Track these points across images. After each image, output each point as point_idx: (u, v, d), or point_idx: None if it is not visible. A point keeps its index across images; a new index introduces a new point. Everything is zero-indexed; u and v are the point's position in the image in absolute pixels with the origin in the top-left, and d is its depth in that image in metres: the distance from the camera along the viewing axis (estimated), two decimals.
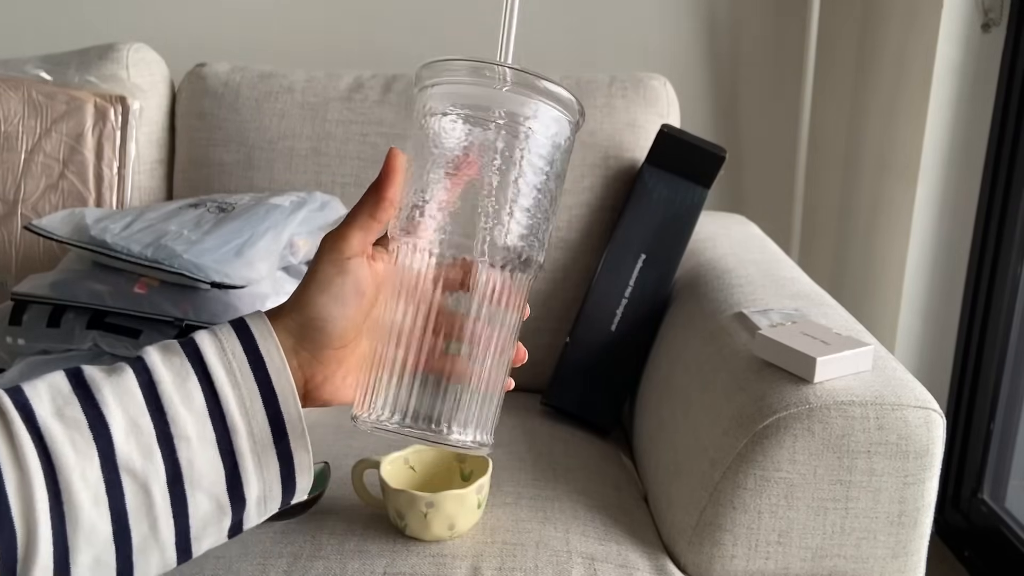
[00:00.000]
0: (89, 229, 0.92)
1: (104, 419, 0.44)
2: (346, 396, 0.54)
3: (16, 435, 0.42)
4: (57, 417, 0.43)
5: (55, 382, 0.45)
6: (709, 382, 0.83)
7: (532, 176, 0.50)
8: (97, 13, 1.55)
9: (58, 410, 0.44)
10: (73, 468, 0.43)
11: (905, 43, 1.38)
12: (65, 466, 0.43)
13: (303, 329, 0.50)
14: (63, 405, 0.44)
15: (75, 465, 0.43)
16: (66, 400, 0.44)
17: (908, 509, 0.73)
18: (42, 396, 0.44)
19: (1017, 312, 1.31)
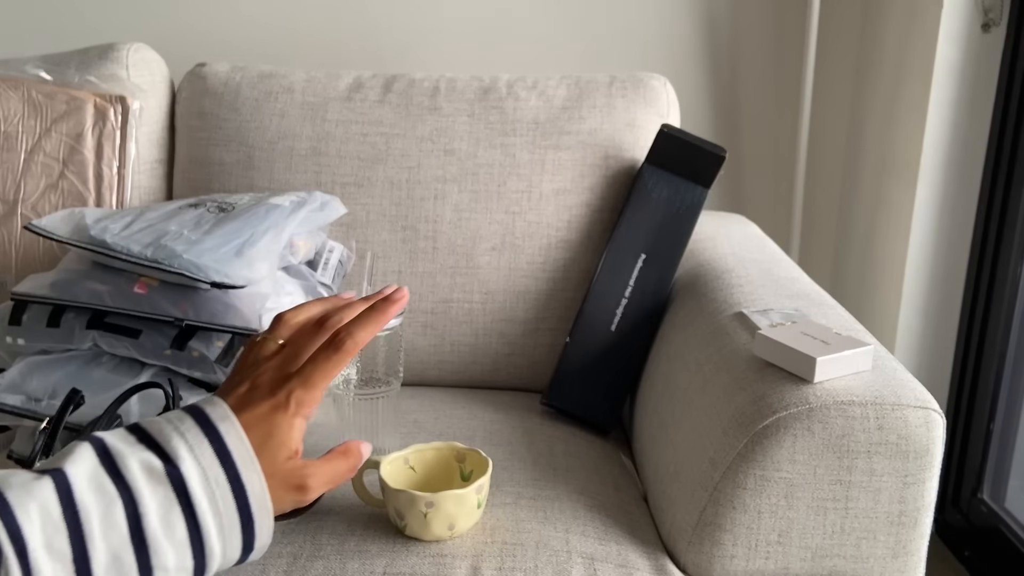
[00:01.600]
0: (89, 229, 0.92)
1: (87, 555, 0.45)
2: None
3: (8, 570, 0.44)
4: (46, 550, 0.44)
5: (46, 504, 0.45)
6: (709, 382, 0.83)
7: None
8: (97, 13, 1.55)
9: (48, 541, 0.45)
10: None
11: (905, 43, 1.38)
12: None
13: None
14: (52, 535, 0.45)
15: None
16: (56, 529, 0.45)
17: (908, 509, 0.73)
18: (34, 522, 0.45)
19: (1017, 312, 1.31)
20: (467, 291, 1.17)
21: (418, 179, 1.18)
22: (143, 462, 0.47)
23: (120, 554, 0.46)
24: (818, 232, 1.66)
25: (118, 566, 0.46)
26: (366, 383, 0.89)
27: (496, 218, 1.17)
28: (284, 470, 0.52)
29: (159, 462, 0.48)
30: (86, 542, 0.45)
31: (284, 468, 0.52)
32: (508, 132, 1.19)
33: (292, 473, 0.53)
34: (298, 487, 0.53)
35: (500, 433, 1.01)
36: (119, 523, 0.46)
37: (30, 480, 0.46)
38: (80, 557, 0.45)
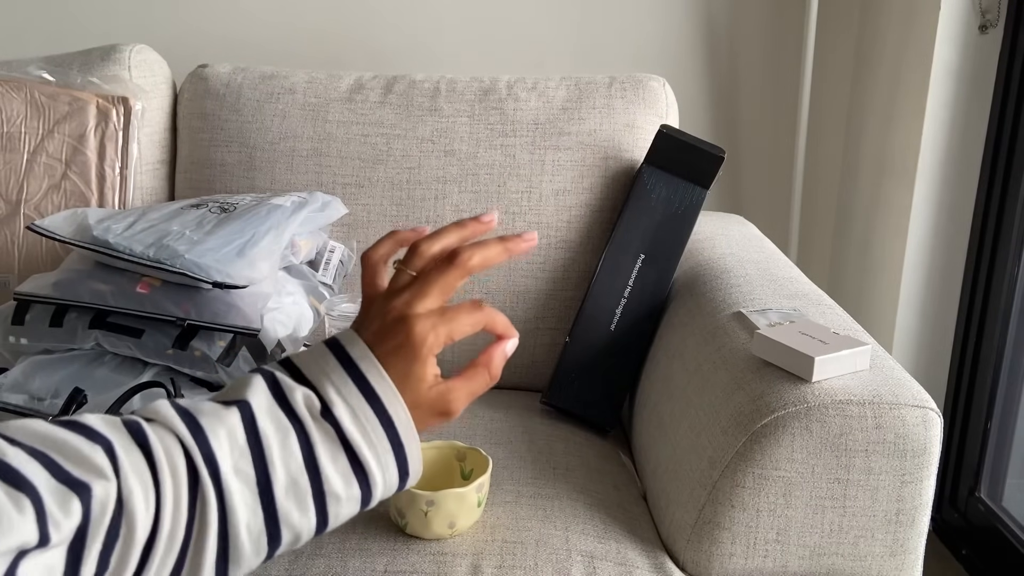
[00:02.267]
0: (91, 229, 0.93)
1: (269, 478, 0.49)
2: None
3: (204, 493, 0.48)
4: (235, 472, 0.49)
5: (233, 431, 0.50)
6: (708, 381, 0.84)
7: None
8: (99, 15, 1.56)
9: (235, 464, 0.49)
10: (241, 522, 0.49)
11: (903, 44, 1.39)
12: (236, 520, 0.48)
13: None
14: (239, 459, 0.49)
15: (243, 519, 0.49)
16: (241, 453, 0.49)
17: (906, 508, 0.74)
18: (223, 447, 0.49)
19: (1014, 312, 1.31)
20: (467, 291, 1.17)
21: (418, 180, 1.18)
22: (306, 397, 0.51)
23: (297, 479, 0.50)
24: (816, 232, 1.66)
25: (296, 490, 0.50)
26: None
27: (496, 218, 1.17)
28: (428, 399, 0.54)
29: (317, 401, 0.52)
30: (268, 467, 0.49)
31: (427, 397, 0.54)
32: (508, 133, 1.19)
33: (436, 400, 0.55)
34: (443, 412, 0.55)
35: (500, 432, 1.01)
36: (295, 451, 0.50)
37: (220, 408, 0.50)
38: (263, 480, 0.49)
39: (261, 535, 0.49)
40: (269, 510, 0.49)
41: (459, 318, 0.55)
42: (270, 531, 0.50)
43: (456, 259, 0.56)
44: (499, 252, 0.58)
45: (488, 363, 0.58)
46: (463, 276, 0.56)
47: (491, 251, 0.58)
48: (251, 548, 0.49)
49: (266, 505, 0.49)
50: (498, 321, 0.59)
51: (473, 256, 0.56)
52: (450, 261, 0.56)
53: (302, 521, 0.51)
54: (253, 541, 0.49)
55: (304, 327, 1.00)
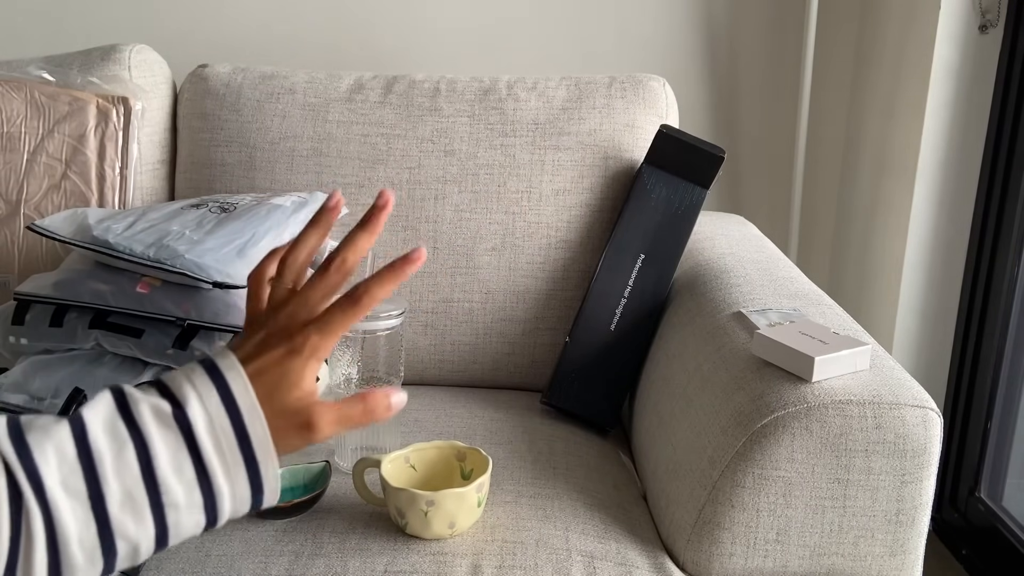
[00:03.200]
0: (92, 229, 0.93)
1: (102, 492, 0.49)
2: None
3: (28, 509, 0.47)
4: (63, 488, 0.48)
5: (62, 446, 0.49)
6: (708, 381, 0.84)
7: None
8: (99, 15, 1.56)
9: (64, 480, 0.48)
10: (71, 536, 0.48)
11: (903, 44, 1.39)
12: (66, 536, 0.47)
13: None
14: (68, 474, 0.48)
15: (74, 533, 0.48)
16: (71, 469, 0.48)
17: (906, 508, 0.74)
18: (50, 462, 0.48)
19: (1014, 311, 1.31)
20: (467, 291, 1.17)
21: (418, 180, 1.18)
22: (154, 407, 0.51)
23: (133, 492, 0.49)
24: (816, 232, 1.67)
25: (131, 503, 0.49)
26: (367, 382, 0.90)
27: (496, 218, 1.17)
28: (293, 409, 0.54)
29: (168, 407, 0.51)
30: (100, 481, 0.49)
31: (294, 407, 0.54)
32: (508, 133, 1.19)
33: (300, 411, 0.54)
34: (305, 424, 0.54)
35: (500, 432, 1.02)
36: (131, 464, 0.49)
37: (51, 423, 0.50)
38: (95, 494, 0.49)
39: (95, 548, 0.49)
40: (103, 523, 0.49)
41: (332, 315, 0.55)
42: (105, 544, 0.49)
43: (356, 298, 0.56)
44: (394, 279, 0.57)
45: (365, 397, 0.56)
46: (364, 313, 0.56)
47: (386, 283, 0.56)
48: (84, 561, 0.48)
49: (99, 518, 0.49)
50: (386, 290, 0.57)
51: (371, 291, 0.56)
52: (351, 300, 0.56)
53: (139, 532, 0.50)
54: (87, 554, 0.48)
55: None
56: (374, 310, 0.89)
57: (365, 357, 0.89)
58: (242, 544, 0.77)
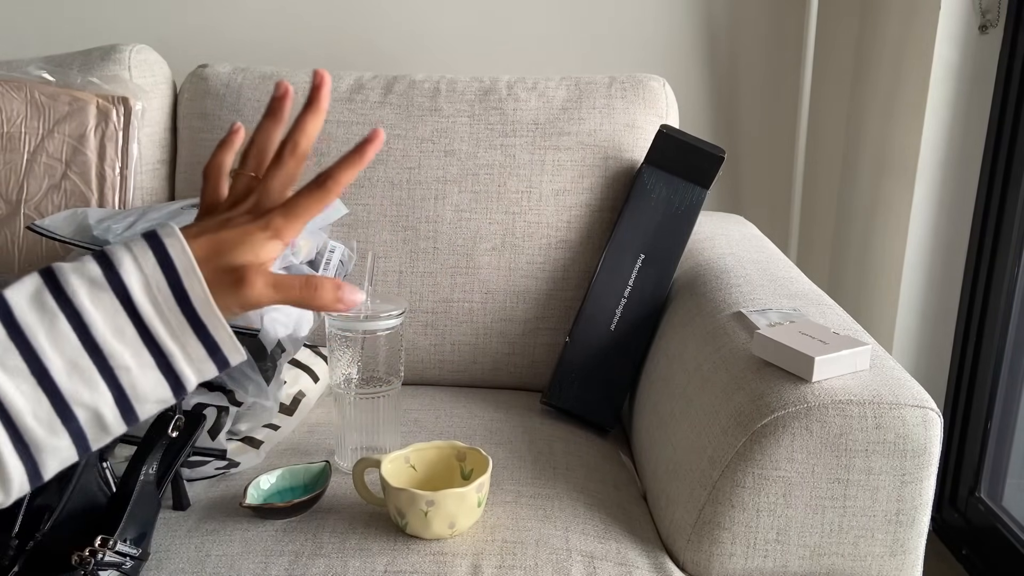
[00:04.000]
0: (92, 229, 0.93)
1: (43, 364, 0.49)
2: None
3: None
4: (1, 368, 0.48)
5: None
6: (708, 381, 0.84)
7: None
8: (99, 15, 1.56)
9: (1, 360, 0.48)
10: (24, 411, 0.48)
11: (903, 44, 1.39)
12: (17, 411, 0.48)
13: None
14: (3, 353, 0.48)
15: (25, 408, 0.48)
16: (4, 348, 0.49)
17: (906, 508, 0.74)
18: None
19: (1014, 311, 1.31)
20: (467, 291, 1.17)
21: (419, 179, 1.19)
22: (85, 274, 0.51)
23: (77, 360, 0.49)
24: (816, 232, 1.67)
25: (78, 371, 0.49)
26: (367, 382, 0.90)
27: (496, 218, 1.17)
28: (231, 266, 0.53)
29: (100, 270, 0.51)
30: (39, 355, 0.49)
31: (232, 264, 0.53)
32: (508, 133, 1.19)
33: (237, 269, 0.53)
34: (238, 279, 0.53)
35: (500, 432, 1.02)
36: (66, 333, 0.49)
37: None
38: (37, 370, 0.49)
39: (52, 418, 0.49)
40: (53, 394, 0.49)
41: (299, 203, 0.55)
42: (61, 413, 0.49)
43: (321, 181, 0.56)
44: (357, 163, 0.56)
45: (313, 277, 0.56)
46: (331, 198, 0.56)
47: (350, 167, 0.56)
48: (45, 432, 0.49)
49: (49, 391, 0.49)
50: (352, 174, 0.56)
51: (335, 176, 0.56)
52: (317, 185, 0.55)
53: (95, 398, 0.50)
54: (44, 426, 0.49)
55: (304, 327, 1.00)
56: (374, 310, 0.89)
57: (365, 357, 0.89)
58: (242, 544, 0.77)
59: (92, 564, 0.68)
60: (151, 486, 0.77)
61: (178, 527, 0.80)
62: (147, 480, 0.76)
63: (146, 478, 0.76)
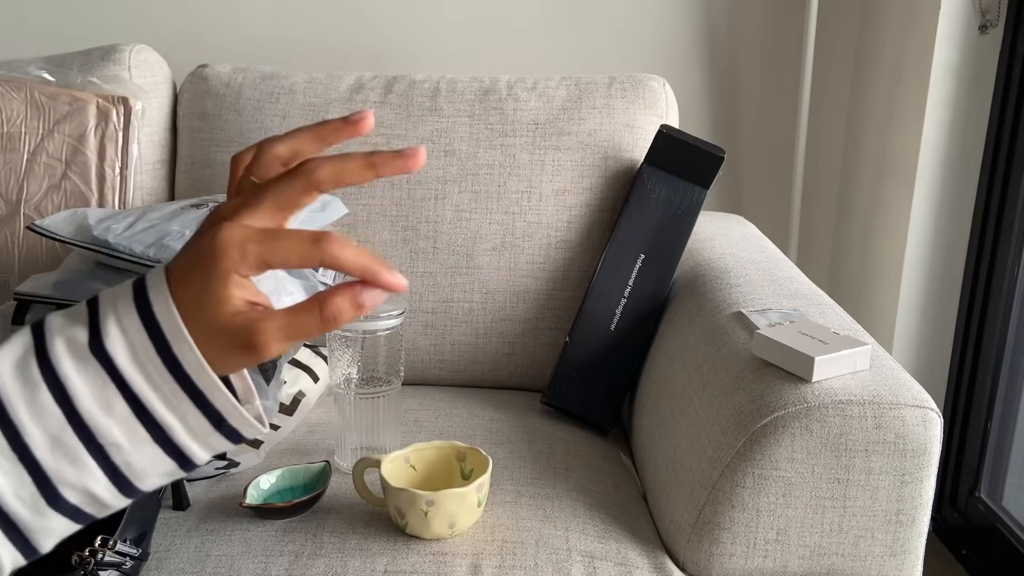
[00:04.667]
0: (92, 229, 0.93)
1: (23, 441, 0.44)
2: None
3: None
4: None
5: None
6: (708, 381, 0.84)
7: None
8: (99, 15, 1.56)
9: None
10: (5, 491, 0.44)
11: (903, 44, 1.39)
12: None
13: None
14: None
15: (6, 487, 0.44)
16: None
17: (906, 508, 0.74)
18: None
19: (1014, 312, 1.31)
20: (467, 291, 1.17)
21: (418, 180, 1.19)
22: (69, 340, 0.45)
23: (60, 436, 0.44)
24: (816, 232, 1.67)
25: (62, 447, 0.44)
26: (367, 382, 0.90)
27: (496, 218, 1.17)
28: (230, 326, 0.45)
29: (86, 336, 0.45)
30: (18, 429, 0.44)
31: (230, 323, 0.45)
32: (508, 133, 1.19)
33: (240, 329, 0.45)
34: (246, 345, 0.45)
35: (500, 432, 1.02)
36: (49, 407, 0.44)
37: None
38: (17, 443, 0.44)
39: (36, 498, 0.44)
40: (36, 473, 0.44)
41: (283, 243, 0.44)
42: (46, 493, 0.44)
43: (302, 167, 0.45)
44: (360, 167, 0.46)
45: (324, 301, 0.45)
46: (308, 190, 0.45)
47: (349, 164, 0.46)
48: (31, 513, 0.44)
49: (31, 469, 0.44)
50: (346, 260, 0.45)
51: (322, 167, 0.45)
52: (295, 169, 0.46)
53: (83, 477, 0.44)
54: (29, 507, 0.44)
55: None
56: (374, 310, 0.89)
57: (365, 357, 0.89)
58: (242, 544, 0.77)
59: (92, 564, 0.68)
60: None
61: (178, 527, 0.80)
62: None
63: None
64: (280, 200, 0.45)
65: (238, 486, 0.87)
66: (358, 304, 0.45)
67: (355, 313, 0.46)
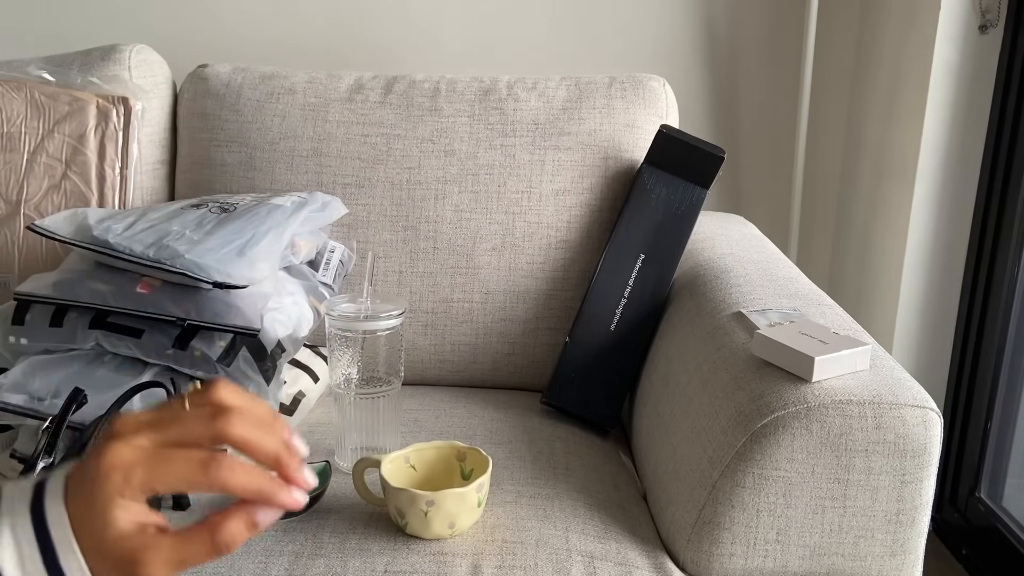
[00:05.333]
0: (92, 229, 0.93)
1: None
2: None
3: None
4: None
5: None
6: (708, 381, 0.84)
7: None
8: (99, 15, 1.56)
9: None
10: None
11: (903, 44, 1.39)
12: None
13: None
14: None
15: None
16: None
17: (906, 508, 0.74)
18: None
19: (1014, 312, 1.31)
20: (467, 291, 1.17)
21: (419, 180, 1.19)
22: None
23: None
24: (816, 232, 1.67)
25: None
26: (367, 382, 0.90)
27: (496, 218, 1.17)
28: (115, 551, 0.43)
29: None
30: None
31: (115, 549, 0.43)
32: (508, 133, 1.19)
33: (126, 556, 0.43)
34: (130, 573, 0.43)
35: (500, 432, 1.02)
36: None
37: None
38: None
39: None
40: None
41: (171, 467, 0.43)
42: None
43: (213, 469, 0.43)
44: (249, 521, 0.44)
45: (216, 527, 0.44)
46: (206, 488, 0.44)
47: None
48: None
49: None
50: (236, 485, 0.43)
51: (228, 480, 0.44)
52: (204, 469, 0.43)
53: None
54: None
55: (304, 327, 1.00)
56: (374, 310, 0.89)
57: (365, 357, 0.89)
58: (242, 544, 0.77)
59: None
60: None
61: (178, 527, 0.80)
62: None
63: None
64: (181, 486, 0.44)
65: None
66: (252, 525, 0.44)
67: (249, 534, 0.45)
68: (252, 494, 0.44)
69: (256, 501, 0.45)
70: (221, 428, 0.44)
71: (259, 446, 0.45)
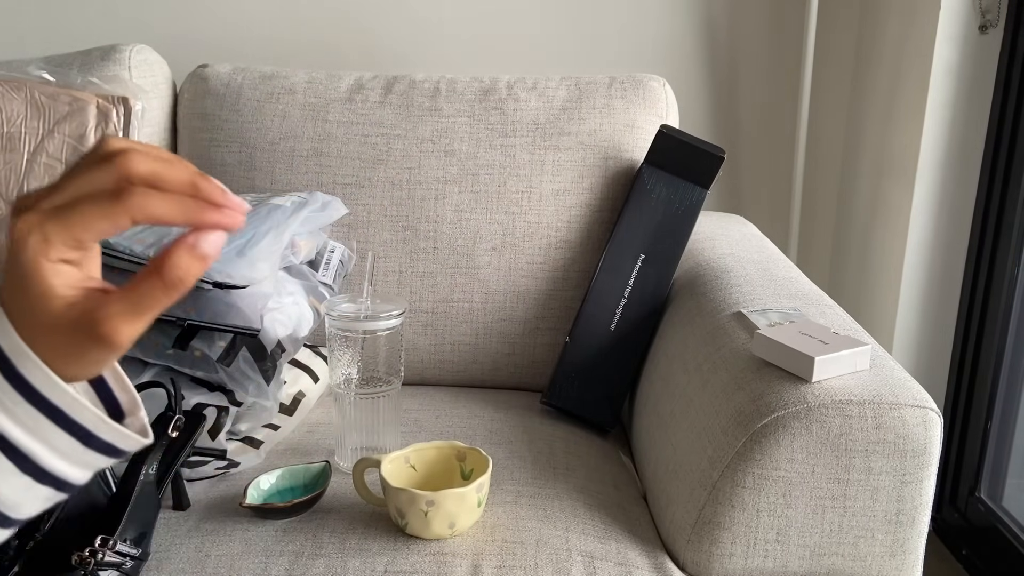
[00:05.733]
0: None
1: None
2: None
3: None
4: None
5: None
6: (708, 381, 0.84)
7: None
8: (99, 15, 1.56)
9: None
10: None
11: (903, 44, 1.39)
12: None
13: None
14: None
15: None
16: None
17: (906, 508, 0.74)
18: None
19: (1014, 312, 1.31)
20: (467, 291, 1.17)
21: (419, 180, 1.19)
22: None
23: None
24: (816, 233, 1.67)
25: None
26: (367, 382, 0.90)
27: (496, 218, 1.17)
28: (66, 320, 0.39)
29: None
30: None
31: (65, 318, 0.39)
32: (508, 133, 1.19)
33: (79, 321, 0.39)
34: (92, 338, 0.40)
35: (500, 432, 1.02)
36: None
37: None
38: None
39: None
40: None
41: (79, 209, 0.38)
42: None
43: (124, 195, 0.39)
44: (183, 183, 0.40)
45: (162, 265, 0.39)
46: (124, 222, 0.39)
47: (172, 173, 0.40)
48: None
49: None
50: (160, 212, 0.39)
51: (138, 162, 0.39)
52: (115, 197, 0.39)
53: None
54: None
55: (304, 327, 1.00)
56: (374, 310, 0.89)
57: (365, 357, 0.89)
58: (242, 544, 0.77)
59: (92, 564, 0.68)
60: (151, 486, 0.77)
61: (178, 527, 0.80)
62: (147, 480, 0.76)
63: (146, 478, 0.76)
64: (92, 227, 0.39)
65: (238, 486, 0.87)
66: (200, 256, 0.40)
67: (201, 266, 0.40)
68: (180, 217, 0.39)
69: (191, 226, 0.40)
70: (123, 167, 0.39)
71: (169, 176, 0.39)
